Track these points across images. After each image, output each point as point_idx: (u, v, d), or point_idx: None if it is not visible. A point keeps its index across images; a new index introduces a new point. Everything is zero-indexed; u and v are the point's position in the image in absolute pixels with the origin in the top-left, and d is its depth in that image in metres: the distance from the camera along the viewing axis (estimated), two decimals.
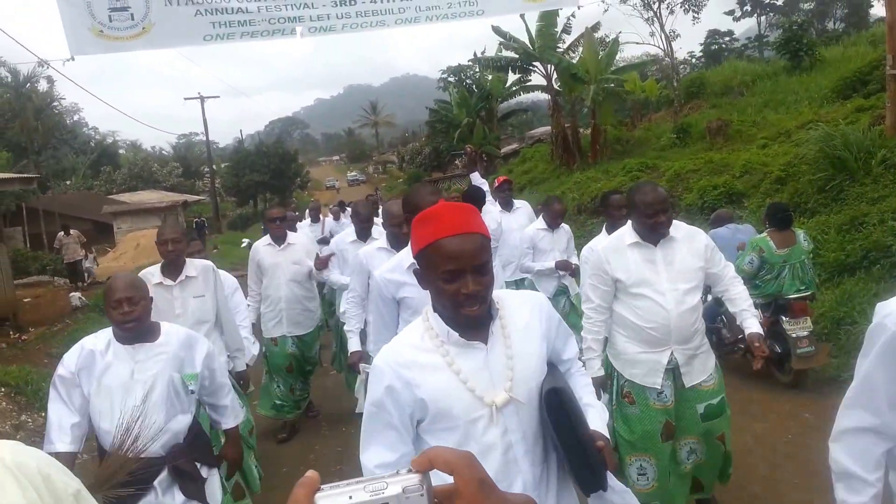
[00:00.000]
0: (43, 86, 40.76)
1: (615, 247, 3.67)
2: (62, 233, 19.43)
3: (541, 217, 6.53)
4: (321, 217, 11.56)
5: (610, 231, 4.39)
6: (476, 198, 5.87)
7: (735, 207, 11.13)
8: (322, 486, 0.70)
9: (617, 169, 18.04)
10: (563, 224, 6.49)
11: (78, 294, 14.66)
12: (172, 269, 4.21)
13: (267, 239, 6.11)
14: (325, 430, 6.35)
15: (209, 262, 4.41)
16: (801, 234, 6.30)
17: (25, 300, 14.70)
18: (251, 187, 47.89)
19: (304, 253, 6.09)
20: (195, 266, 4.27)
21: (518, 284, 6.71)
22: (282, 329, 5.98)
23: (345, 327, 4.73)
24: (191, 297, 4.19)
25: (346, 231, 6.35)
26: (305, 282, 6.08)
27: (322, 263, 5.94)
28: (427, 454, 0.74)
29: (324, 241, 9.52)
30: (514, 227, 6.77)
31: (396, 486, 0.70)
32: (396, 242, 4.06)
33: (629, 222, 3.71)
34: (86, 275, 19.25)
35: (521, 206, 7.26)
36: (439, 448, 0.75)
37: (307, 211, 12.45)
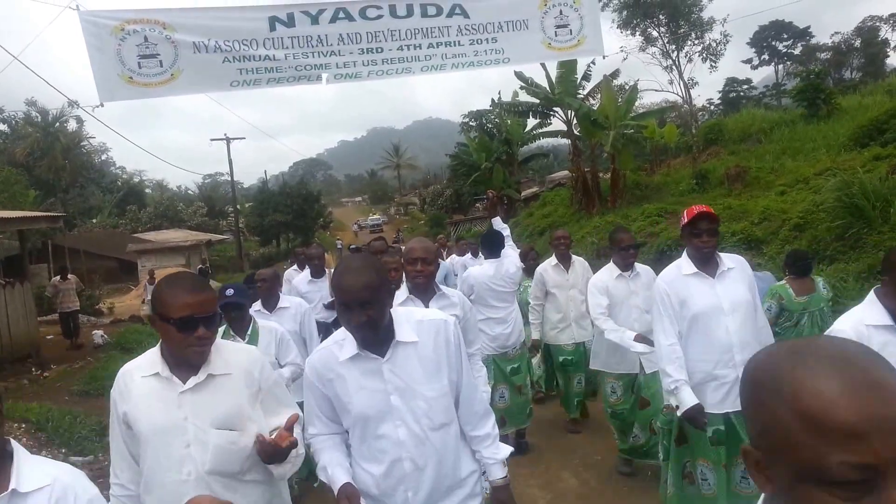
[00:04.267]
0: (72, 125, 41.94)
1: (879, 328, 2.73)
2: (58, 277, 15.35)
3: (820, 282, 4.01)
4: (326, 269, 7.09)
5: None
6: (494, 242, 5.88)
7: (754, 254, 11.12)
8: None
9: (636, 213, 18.11)
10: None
11: (100, 332, 14.75)
12: None
13: (155, 360, 2.30)
14: None
15: None
16: (821, 282, 6.26)
17: (48, 337, 14.88)
18: (274, 227, 48.41)
19: (246, 386, 2.36)
20: None
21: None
22: None
23: None
24: None
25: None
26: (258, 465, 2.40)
27: None
28: (191, 502, 0.87)
29: (332, 307, 6.29)
30: (737, 299, 3.68)
31: None
32: None
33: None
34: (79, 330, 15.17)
35: (737, 265, 3.79)
36: (201, 496, 0.89)
37: (307, 258, 7.56)
